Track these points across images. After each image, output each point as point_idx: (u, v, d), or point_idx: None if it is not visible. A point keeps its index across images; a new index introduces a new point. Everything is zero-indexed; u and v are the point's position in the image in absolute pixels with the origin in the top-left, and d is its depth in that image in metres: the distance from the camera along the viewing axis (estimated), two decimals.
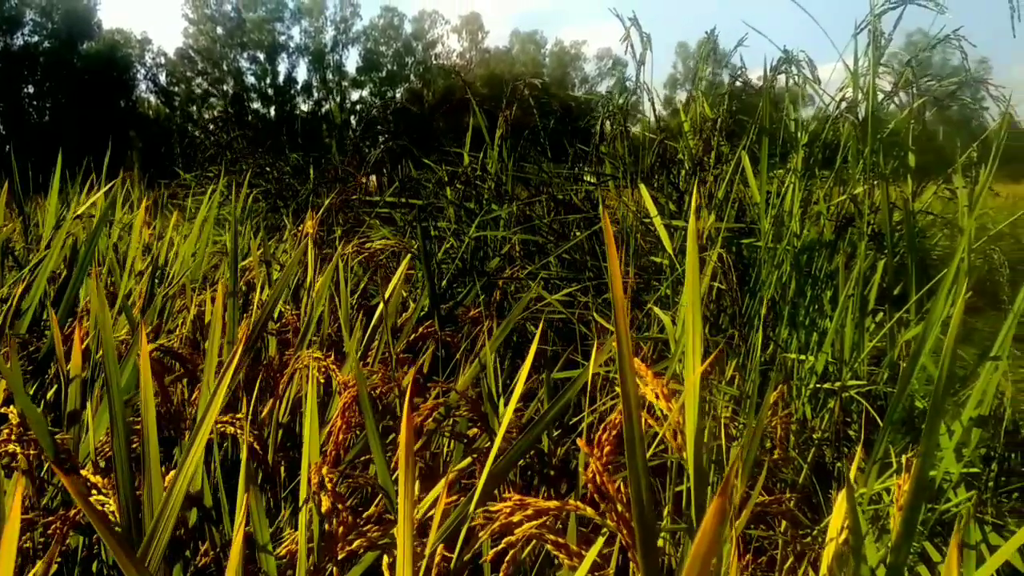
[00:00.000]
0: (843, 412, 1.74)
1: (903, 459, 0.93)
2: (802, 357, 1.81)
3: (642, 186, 2.01)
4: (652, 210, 1.92)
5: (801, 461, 1.72)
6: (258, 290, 1.86)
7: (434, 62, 60.21)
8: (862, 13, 1.75)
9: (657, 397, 0.78)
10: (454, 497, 1.11)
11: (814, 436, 1.77)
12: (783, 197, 1.86)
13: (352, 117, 58.89)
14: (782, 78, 1.85)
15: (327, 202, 2.47)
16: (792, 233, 1.84)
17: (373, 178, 4.65)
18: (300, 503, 0.87)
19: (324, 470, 0.86)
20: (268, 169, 4.33)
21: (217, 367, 1.26)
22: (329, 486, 0.85)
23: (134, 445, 1.06)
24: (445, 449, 1.45)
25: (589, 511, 0.71)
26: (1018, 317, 1.18)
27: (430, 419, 1.26)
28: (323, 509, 0.84)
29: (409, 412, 0.67)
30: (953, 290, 1.33)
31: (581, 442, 0.72)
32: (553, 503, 0.73)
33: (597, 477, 0.69)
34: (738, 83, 1.90)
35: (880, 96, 1.78)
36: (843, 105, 1.76)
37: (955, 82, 1.57)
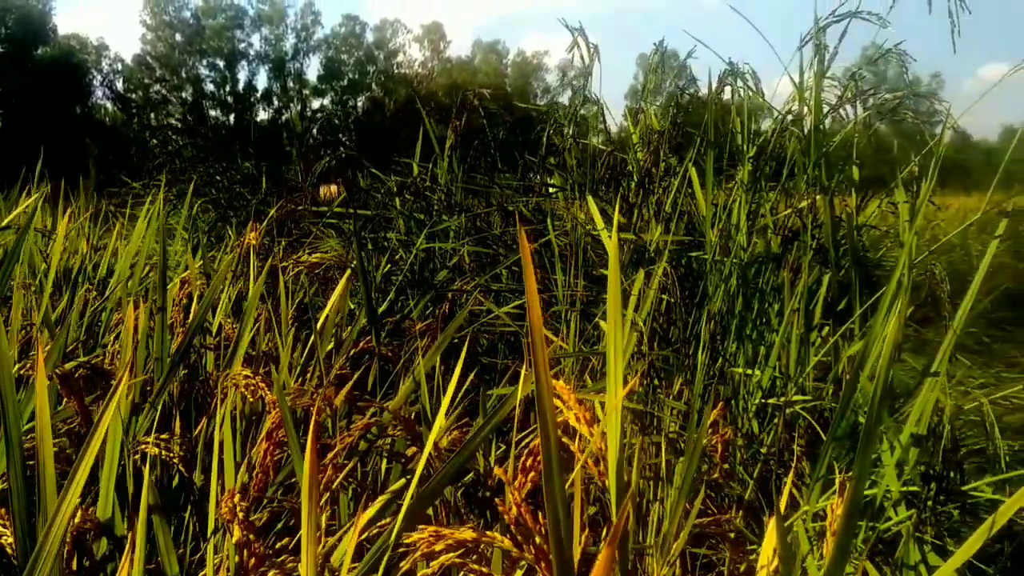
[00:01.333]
0: (789, 427, 1.73)
1: (842, 478, 0.91)
2: (748, 371, 1.80)
3: (590, 198, 1.99)
4: (599, 223, 1.90)
5: (747, 477, 1.70)
6: (194, 304, 1.81)
7: (396, 71, 60.06)
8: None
9: (579, 421, 0.74)
10: (387, 520, 1.07)
11: (761, 451, 1.75)
12: (730, 210, 1.85)
13: (313, 126, 58.54)
14: (739, 91, 1.84)
15: (272, 212, 2.42)
16: (739, 246, 1.83)
17: (333, 187, 4.59)
18: (208, 533, 0.82)
19: (236, 498, 0.82)
20: (219, 178, 4.25)
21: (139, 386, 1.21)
22: (240, 515, 0.80)
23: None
24: (383, 467, 1.41)
25: (507, 543, 0.68)
26: (958, 333, 1.17)
27: (362, 439, 1.22)
28: (234, 539, 0.80)
29: (313, 442, 0.63)
30: (895, 306, 1.32)
31: (499, 471, 0.68)
32: (470, 534, 0.69)
33: (514, 509, 0.66)
34: (685, 95, 1.89)
35: (825, 109, 1.77)
36: (789, 118, 1.75)
37: (898, 96, 1.56)
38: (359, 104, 58.63)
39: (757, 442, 1.80)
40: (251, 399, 1.35)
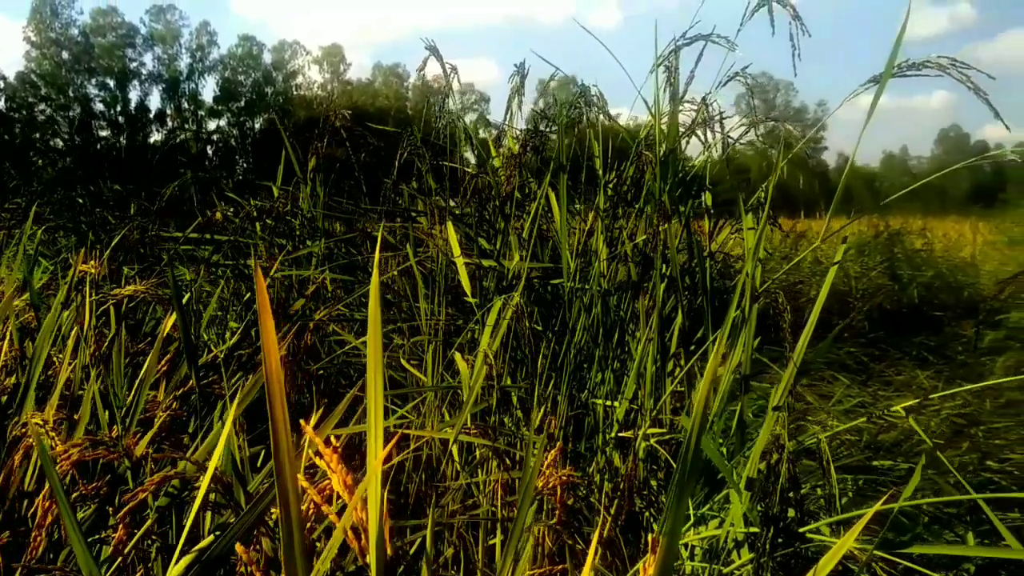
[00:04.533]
0: (648, 459, 1.67)
1: (653, 536, 0.84)
2: (608, 403, 1.74)
3: (449, 224, 1.91)
4: (455, 250, 1.82)
5: (607, 514, 1.63)
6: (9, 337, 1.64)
7: (295, 93, 59.19)
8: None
9: (342, 486, 0.65)
10: None
11: (621, 486, 1.69)
12: (588, 236, 1.80)
13: (209, 147, 57.09)
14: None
15: (117, 239, 2.26)
16: (599, 273, 1.77)
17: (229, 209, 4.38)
18: None
19: None
20: (81, 201, 4.01)
21: None
22: None
23: None
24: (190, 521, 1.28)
25: None
26: (797, 367, 1.13)
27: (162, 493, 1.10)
28: None
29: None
30: (742, 332, 1.28)
31: (240, 547, 0.59)
32: None
33: None
34: (544, 121, 1.83)
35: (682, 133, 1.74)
36: (645, 143, 1.71)
37: (749, 123, 1.54)
38: (257, 126, 57.49)
39: (619, 476, 1.74)
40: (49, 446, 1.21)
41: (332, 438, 0.68)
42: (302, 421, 0.65)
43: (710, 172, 1.64)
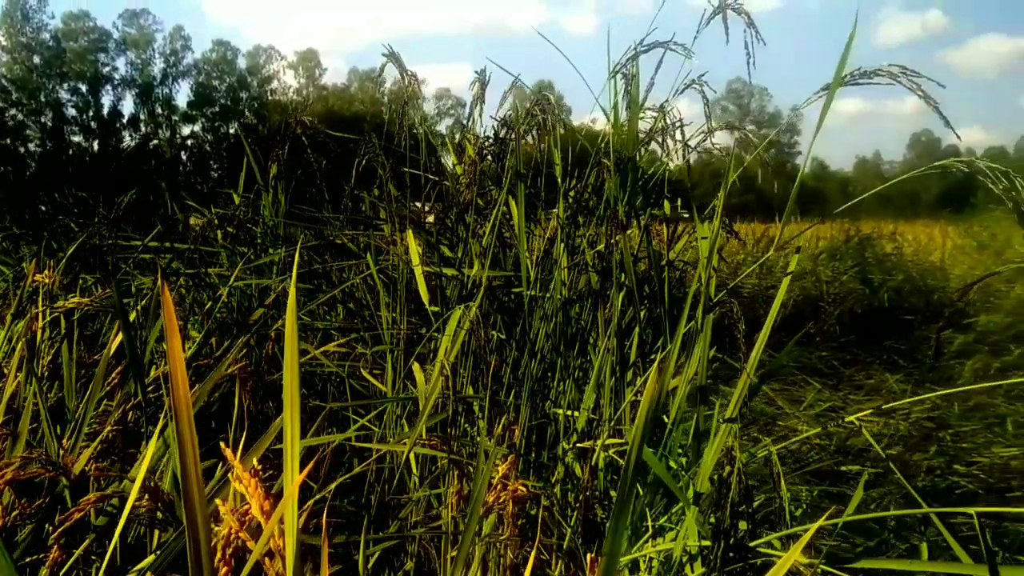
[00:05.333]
0: (609, 469, 1.66)
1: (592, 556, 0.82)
2: (569, 412, 1.73)
3: (409, 232, 1.89)
4: (415, 259, 1.80)
5: (566, 524, 1.61)
6: None
7: (270, 98, 58.88)
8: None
9: (260, 512, 0.63)
10: None
11: (581, 495, 1.68)
12: (550, 244, 1.78)
13: (183, 152, 56.64)
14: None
15: (72, 248, 2.21)
16: (560, 281, 1.76)
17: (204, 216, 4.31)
18: None
19: None
20: (44, 209, 3.95)
21: None
22: None
23: None
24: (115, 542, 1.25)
25: None
26: (751, 377, 1.12)
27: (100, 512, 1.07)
28: None
29: None
30: (698, 343, 1.27)
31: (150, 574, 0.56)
32: None
33: None
34: (504, 128, 1.81)
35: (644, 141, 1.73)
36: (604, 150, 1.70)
37: (705, 130, 1.53)
38: (232, 131, 57.10)
39: (579, 486, 1.72)
40: None
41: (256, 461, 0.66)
42: (221, 444, 0.63)
43: (673, 177, 1.63)
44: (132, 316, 2.03)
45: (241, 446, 0.79)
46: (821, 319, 6.47)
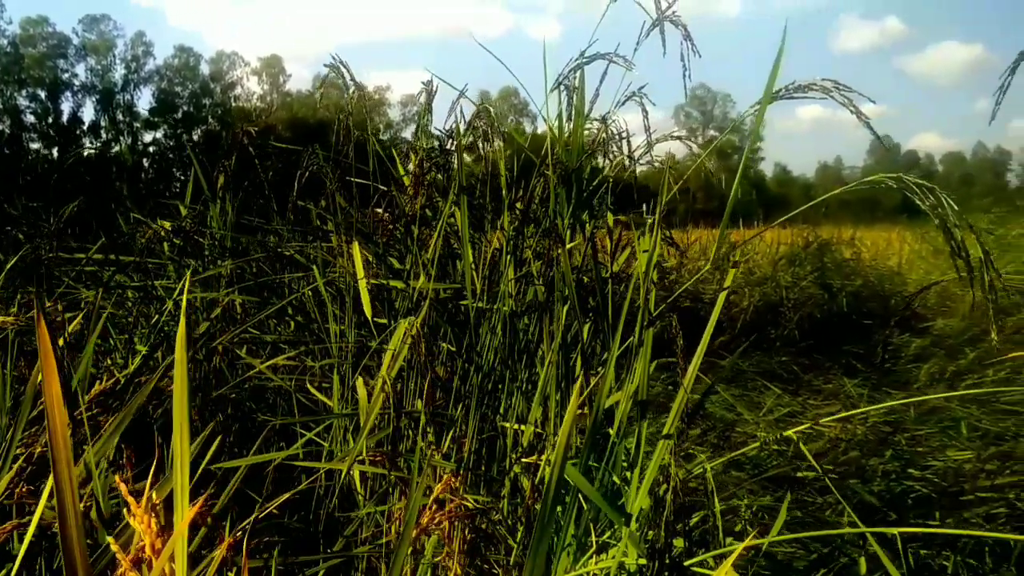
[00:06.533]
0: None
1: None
2: (517, 426, 1.71)
3: (355, 244, 1.86)
4: (359, 272, 1.77)
5: (512, 542, 1.60)
6: None
7: (233, 104, 58.40)
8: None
9: (151, 547, 0.60)
10: None
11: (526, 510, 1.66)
12: (498, 255, 1.77)
13: (145, 159, 55.96)
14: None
15: (12, 262, 2.16)
16: (506, 293, 1.74)
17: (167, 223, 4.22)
18: None
19: None
20: None
21: None
22: None
23: None
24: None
25: None
26: (688, 393, 1.11)
27: None
28: None
29: None
30: (639, 357, 1.26)
31: None
32: None
33: None
34: (446, 136, 1.80)
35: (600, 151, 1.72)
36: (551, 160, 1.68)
37: (655, 139, 1.52)
38: (195, 138, 56.53)
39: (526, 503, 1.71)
40: None
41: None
42: (116, 477, 0.60)
43: (639, 184, 1.62)
44: (71, 329, 1.98)
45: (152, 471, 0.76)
46: (781, 324, 6.51)
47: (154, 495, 0.64)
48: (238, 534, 1.49)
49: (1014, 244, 6.54)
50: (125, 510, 0.59)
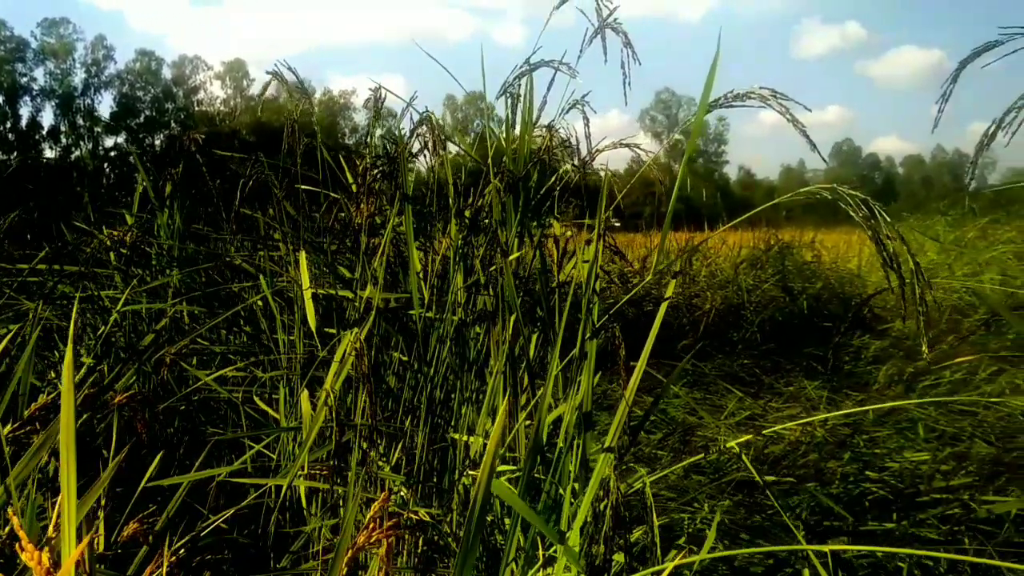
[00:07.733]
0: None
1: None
2: (466, 438, 1.69)
3: (302, 254, 1.83)
4: (305, 281, 1.74)
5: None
6: None
7: (196, 108, 57.78)
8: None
9: None
10: None
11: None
12: (445, 266, 1.75)
13: (106, 164, 55.15)
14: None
15: None
16: (454, 303, 1.72)
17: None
18: None
19: None
20: None
21: None
22: None
23: None
24: None
25: None
26: (628, 406, 1.09)
27: None
28: None
29: None
30: (583, 369, 1.24)
31: None
32: None
33: None
34: (393, 143, 1.77)
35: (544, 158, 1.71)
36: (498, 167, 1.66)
37: (612, 144, 1.51)
38: (157, 143, 55.86)
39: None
40: None
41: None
42: (9, 510, 0.57)
43: (557, 193, 1.61)
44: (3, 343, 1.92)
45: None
46: (743, 327, 6.54)
47: (50, 529, 0.61)
48: (181, 552, 1.45)
49: (970, 246, 6.63)
50: (17, 545, 0.56)
